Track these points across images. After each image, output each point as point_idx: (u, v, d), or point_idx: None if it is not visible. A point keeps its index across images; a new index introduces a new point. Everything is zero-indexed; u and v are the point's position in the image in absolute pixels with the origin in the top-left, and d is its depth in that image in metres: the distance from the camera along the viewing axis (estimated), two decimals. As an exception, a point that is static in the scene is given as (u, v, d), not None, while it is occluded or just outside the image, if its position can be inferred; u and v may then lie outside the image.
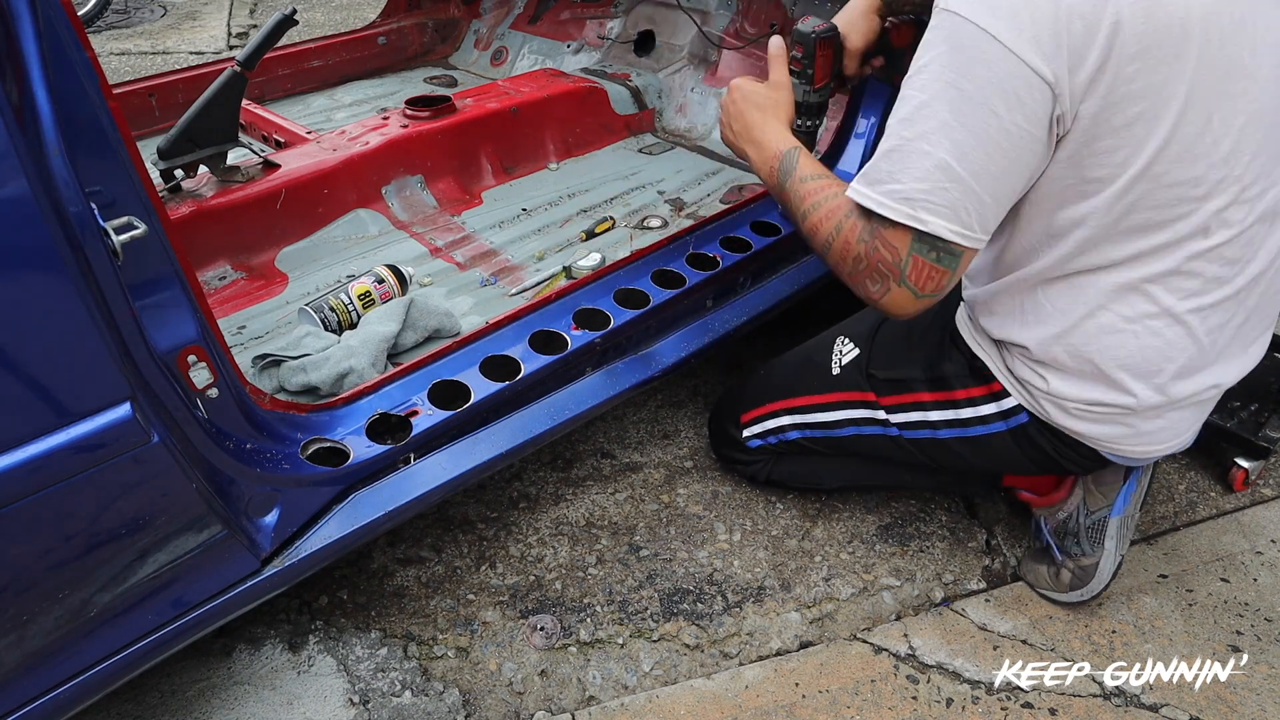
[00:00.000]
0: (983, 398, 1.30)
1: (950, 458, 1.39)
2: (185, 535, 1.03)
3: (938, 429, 1.36)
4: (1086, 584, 1.43)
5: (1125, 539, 1.42)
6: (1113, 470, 1.39)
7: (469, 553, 1.57)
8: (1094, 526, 1.41)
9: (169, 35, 4.51)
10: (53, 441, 0.86)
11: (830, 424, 1.47)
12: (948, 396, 1.33)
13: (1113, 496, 1.40)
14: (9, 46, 0.82)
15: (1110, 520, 1.40)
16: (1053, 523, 1.48)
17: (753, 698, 1.34)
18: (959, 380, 1.32)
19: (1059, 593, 1.47)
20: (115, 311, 0.89)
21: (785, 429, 1.53)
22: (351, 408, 1.29)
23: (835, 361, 1.46)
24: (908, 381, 1.37)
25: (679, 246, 1.66)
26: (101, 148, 0.89)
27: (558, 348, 1.44)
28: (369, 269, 1.60)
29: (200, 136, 1.64)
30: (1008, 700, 1.34)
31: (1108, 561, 1.41)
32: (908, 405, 1.37)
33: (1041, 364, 1.21)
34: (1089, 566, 1.42)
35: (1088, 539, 1.42)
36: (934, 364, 1.35)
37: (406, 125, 1.93)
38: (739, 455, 1.64)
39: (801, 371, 1.52)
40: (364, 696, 1.33)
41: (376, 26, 2.77)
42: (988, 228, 1.06)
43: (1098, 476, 1.41)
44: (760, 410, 1.56)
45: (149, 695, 1.32)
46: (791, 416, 1.52)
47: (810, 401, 1.49)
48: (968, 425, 1.33)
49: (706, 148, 2.24)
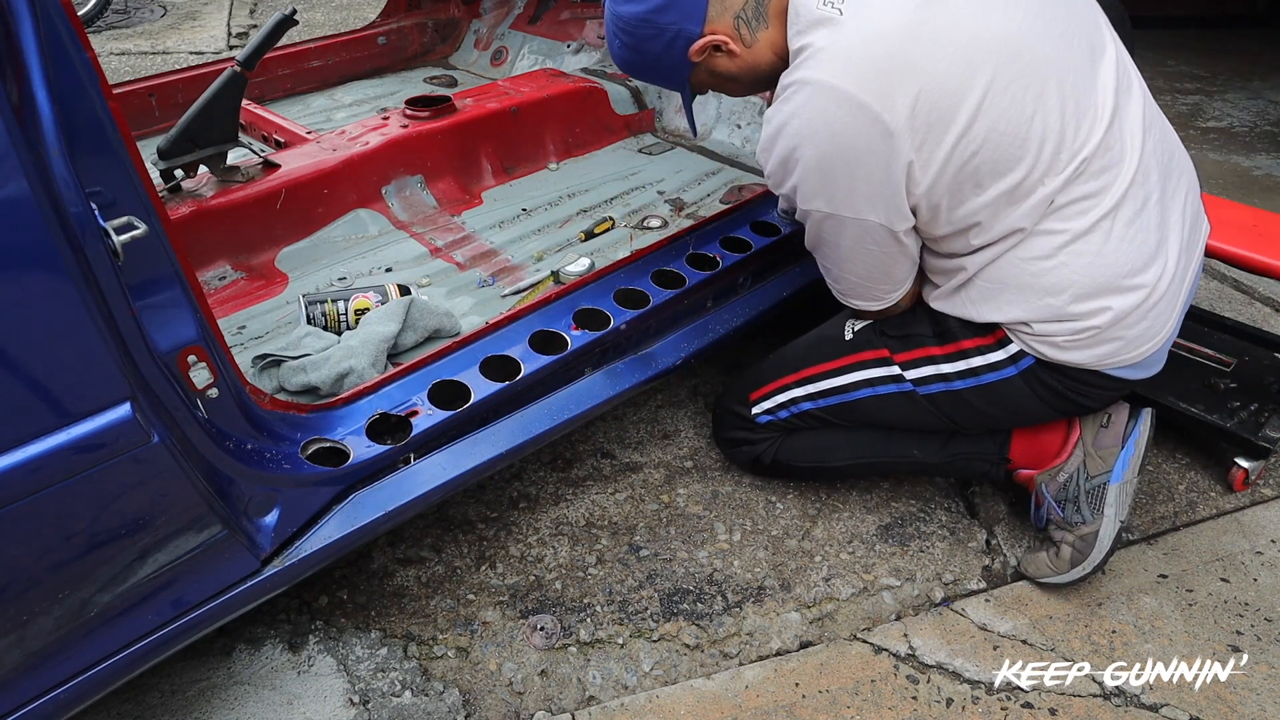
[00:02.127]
0: (990, 346, 1.37)
1: (967, 412, 1.43)
2: (185, 535, 1.03)
3: (951, 381, 1.40)
4: (1088, 555, 1.44)
5: (1124, 506, 1.44)
6: (1111, 433, 1.45)
7: (469, 553, 1.57)
8: (1094, 492, 1.44)
9: (169, 35, 4.51)
10: (53, 441, 0.86)
11: (845, 388, 1.49)
12: (957, 348, 1.39)
13: (1111, 461, 1.43)
14: (9, 46, 0.82)
15: (1109, 487, 1.43)
16: (1054, 487, 1.49)
17: (753, 698, 1.34)
18: (965, 332, 1.38)
19: (1060, 573, 1.47)
20: (115, 311, 0.89)
21: (797, 400, 1.55)
22: (351, 408, 1.29)
23: (848, 330, 1.51)
24: (918, 337, 1.43)
25: (679, 246, 1.66)
26: (101, 148, 0.89)
27: (558, 348, 1.44)
28: (379, 283, 1.58)
29: (200, 136, 1.64)
30: (1008, 700, 1.34)
31: (1108, 528, 1.43)
32: (921, 360, 1.42)
33: (1021, 320, 1.32)
34: (1089, 535, 1.44)
35: (1088, 504, 1.44)
36: (939, 321, 1.41)
37: (406, 125, 1.93)
38: (746, 435, 1.63)
39: (813, 345, 1.56)
40: (364, 696, 1.33)
41: (376, 26, 2.77)
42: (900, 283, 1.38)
43: (1097, 439, 1.45)
44: (771, 386, 1.57)
45: (149, 695, 1.32)
46: (804, 388, 1.54)
47: (824, 369, 1.51)
48: (979, 374, 1.38)
49: (706, 148, 2.24)
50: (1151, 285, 1.27)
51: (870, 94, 1.16)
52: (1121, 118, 1.26)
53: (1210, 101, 3.79)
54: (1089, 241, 1.24)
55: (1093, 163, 1.22)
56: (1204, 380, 1.79)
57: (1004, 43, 1.19)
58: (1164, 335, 1.33)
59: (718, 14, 1.28)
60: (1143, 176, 1.26)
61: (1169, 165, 1.33)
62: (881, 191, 1.22)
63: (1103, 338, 1.29)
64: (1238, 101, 3.80)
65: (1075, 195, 1.23)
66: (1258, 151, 3.32)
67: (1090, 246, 1.25)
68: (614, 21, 1.34)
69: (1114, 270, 1.25)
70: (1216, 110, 3.70)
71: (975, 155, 1.20)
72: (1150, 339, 1.31)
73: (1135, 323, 1.28)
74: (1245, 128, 3.53)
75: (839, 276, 1.41)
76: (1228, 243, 1.67)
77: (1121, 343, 1.30)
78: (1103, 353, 1.31)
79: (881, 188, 1.21)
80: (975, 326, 1.37)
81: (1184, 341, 1.88)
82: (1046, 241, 1.25)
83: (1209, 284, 2.41)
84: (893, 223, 1.25)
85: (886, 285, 1.38)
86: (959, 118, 1.17)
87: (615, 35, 1.36)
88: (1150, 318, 1.30)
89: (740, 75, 1.35)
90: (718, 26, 1.29)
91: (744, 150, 2.20)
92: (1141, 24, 1.41)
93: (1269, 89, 3.95)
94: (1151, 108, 1.33)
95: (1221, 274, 2.44)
